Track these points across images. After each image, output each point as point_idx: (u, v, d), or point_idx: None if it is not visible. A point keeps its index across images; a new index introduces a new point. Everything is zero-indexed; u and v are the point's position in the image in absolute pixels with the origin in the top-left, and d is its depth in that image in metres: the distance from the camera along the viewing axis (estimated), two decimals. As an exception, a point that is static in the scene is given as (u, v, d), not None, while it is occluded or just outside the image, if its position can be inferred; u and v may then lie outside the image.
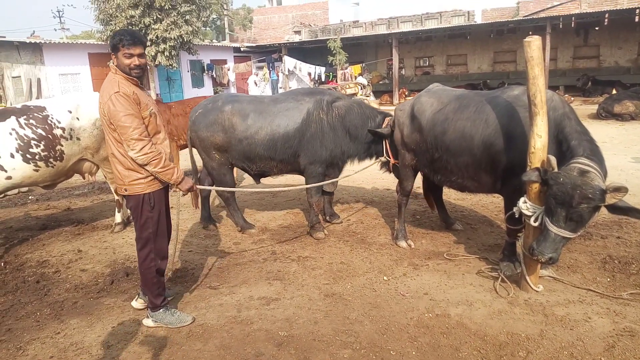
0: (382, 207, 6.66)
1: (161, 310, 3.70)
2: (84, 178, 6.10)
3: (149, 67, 19.69)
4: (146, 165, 3.39)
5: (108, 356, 3.35)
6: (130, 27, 17.36)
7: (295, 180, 7.23)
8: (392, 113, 5.53)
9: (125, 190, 3.54)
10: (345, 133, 5.54)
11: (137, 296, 4.03)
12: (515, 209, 3.87)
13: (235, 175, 8.38)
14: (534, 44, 3.63)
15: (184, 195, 3.64)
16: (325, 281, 4.42)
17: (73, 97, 5.85)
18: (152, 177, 3.50)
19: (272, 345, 3.38)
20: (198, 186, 3.80)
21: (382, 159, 5.65)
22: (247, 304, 4.01)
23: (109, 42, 3.43)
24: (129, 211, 4.82)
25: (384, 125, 5.51)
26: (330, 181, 5.65)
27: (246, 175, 6.63)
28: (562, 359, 3.07)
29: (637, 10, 18.23)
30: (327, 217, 6.17)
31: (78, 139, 5.54)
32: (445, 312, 3.74)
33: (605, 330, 3.36)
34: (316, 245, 5.34)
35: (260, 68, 27.54)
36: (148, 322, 3.72)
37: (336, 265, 4.76)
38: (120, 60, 3.41)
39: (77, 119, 5.53)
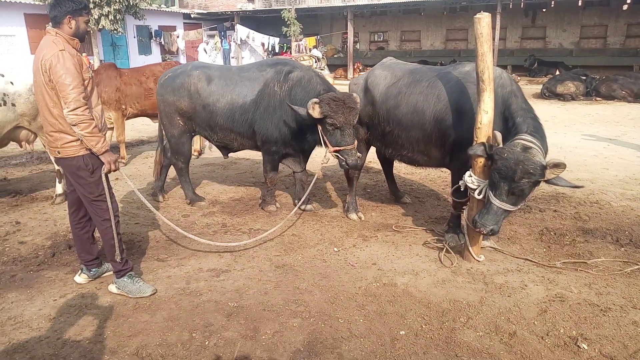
0: (334, 181, 6.71)
1: (125, 277, 3.67)
2: (20, 147, 5.76)
3: (91, 32, 18.67)
4: (75, 125, 3.30)
5: (50, 329, 3.24)
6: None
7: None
8: (333, 94, 4.60)
9: (59, 153, 3.45)
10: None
11: (80, 271, 3.90)
12: (461, 183, 4.00)
13: (201, 144, 8.16)
14: (483, 21, 3.70)
15: (106, 173, 3.51)
16: (276, 253, 4.43)
17: (6, 60, 5.45)
18: None
19: (222, 316, 3.38)
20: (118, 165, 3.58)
21: (324, 159, 4.80)
22: (196, 276, 3.98)
23: (65, 3, 3.29)
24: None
25: (310, 108, 4.45)
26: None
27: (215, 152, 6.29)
28: (500, 324, 3.25)
29: (581, -5, 18.97)
30: (295, 201, 5.60)
31: (13, 104, 5.20)
32: (392, 281, 3.85)
33: (539, 297, 3.58)
34: (268, 218, 5.33)
35: (212, 36, 26.69)
36: (112, 288, 3.73)
37: (287, 237, 4.78)
38: (79, 24, 3.42)
39: (11, 83, 5.17)
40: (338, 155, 4.58)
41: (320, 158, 4.90)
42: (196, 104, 5.34)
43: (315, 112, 4.47)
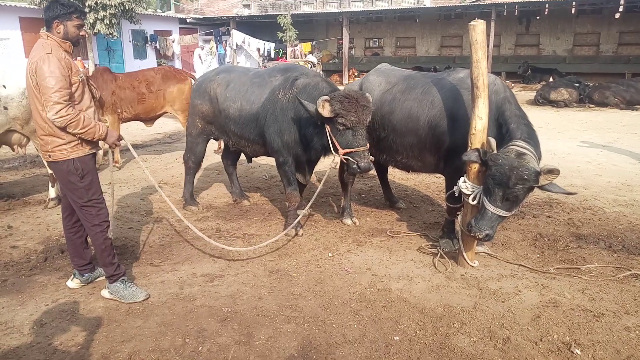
0: (329, 186, 6.71)
1: (118, 282, 3.65)
2: (13, 150, 5.73)
3: (87, 36, 18.60)
4: (66, 127, 3.30)
5: (41, 335, 3.21)
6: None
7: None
8: (346, 92, 4.41)
9: (49, 157, 3.45)
10: (296, 117, 4.71)
11: (72, 275, 3.87)
12: (455, 188, 4.01)
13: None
14: (478, 28, 3.73)
15: (111, 149, 3.69)
16: (270, 258, 4.42)
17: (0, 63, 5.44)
18: (75, 143, 3.41)
19: (215, 321, 3.36)
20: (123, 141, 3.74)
21: (332, 163, 4.49)
22: (190, 281, 3.96)
23: (53, 8, 3.32)
24: None
25: (320, 106, 4.19)
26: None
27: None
28: (494, 329, 3.25)
29: (574, 3, 19.14)
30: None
31: (5, 108, 5.17)
32: (386, 286, 3.85)
33: (533, 302, 3.58)
34: (262, 223, 5.32)
35: (207, 41, 26.68)
36: (104, 293, 3.71)
37: (282, 242, 4.77)
38: (69, 29, 3.41)
39: (4, 87, 5.15)
40: (349, 158, 4.24)
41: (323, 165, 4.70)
42: (215, 109, 5.40)
43: (326, 111, 4.17)
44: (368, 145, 4.32)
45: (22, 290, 3.81)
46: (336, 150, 4.29)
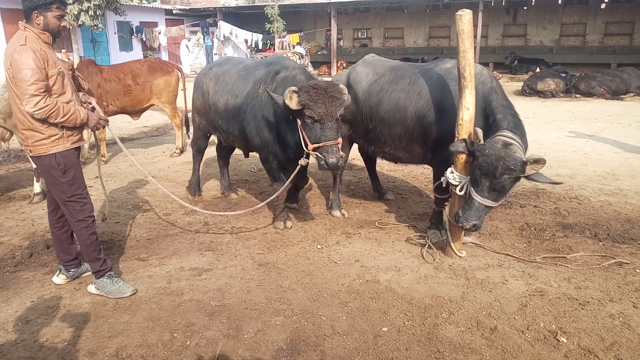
0: (318, 178, 6.69)
1: (105, 277, 3.61)
2: (-4, 144, 5.63)
3: (70, 28, 18.31)
4: (47, 118, 3.23)
5: (26, 332, 3.17)
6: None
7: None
8: (314, 82, 4.17)
9: (30, 152, 3.40)
10: (275, 113, 4.47)
11: (58, 271, 3.83)
12: (442, 179, 4.02)
13: (183, 142, 8.09)
14: (465, 18, 3.72)
15: (93, 130, 3.62)
16: (259, 251, 4.41)
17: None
18: (55, 137, 3.34)
19: (204, 315, 3.35)
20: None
21: (302, 161, 4.24)
22: (178, 275, 3.93)
23: None
24: None
25: (287, 98, 3.97)
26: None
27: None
28: (481, 319, 3.28)
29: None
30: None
31: (-13, 101, 5.07)
32: (375, 278, 3.86)
33: (519, 292, 3.62)
34: (251, 216, 5.29)
35: (194, 33, 26.40)
36: (91, 288, 3.67)
37: (271, 235, 4.75)
38: (49, 19, 3.32)
39: (-14, 79, 5.04)
40: (317, 153, 4.00)
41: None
42: (206, 104, 5.38)
43: (293, 102, 3.95)
44: (339, 140, 4.05)
45: (6, 286, 3.76)
46: (306, 146, 4.06)
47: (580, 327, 3.17)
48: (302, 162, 4.26)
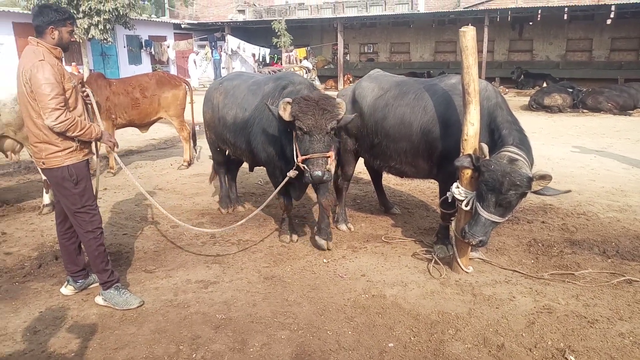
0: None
1: (112, 289, 3.64)
2: (6, 157, 5.71)
3: (81, 41, 18.59)
4: (66, 132, 3.31)
5: (34, 342, 3.19)
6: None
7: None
8: (308, 94, 4.22)
9: (43, 164, 3.44)
10: (280, 127, 4.39)
11: (66, 282, 3.86)
12: (448, 194, 4.03)
13: (190, 155, 8.15)
14: (468, 34, 3.76)
15: (107, 151, 3.74)
16: (265, 264, 4.41)
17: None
18: (70, 150, 3.40)
19: (209, 328, 3.35)
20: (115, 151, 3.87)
21: (291, 172, 4.22)
22: (184, 288, 3.94)
23: (47, 13, 3.30)
24: None
25: (281, 109, 4.00)
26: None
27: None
28: (488, 336, 3.25)
29: (566, 9, 19.32)
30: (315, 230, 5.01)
31: (-1, 114, 5.15)
32: (381, 292, 3.85)
33: (527, 308, 3.59)
34: (257, 229, 5.31)
35: (202, 47, 26.70)
36: (98, 299, 3.69)
37: (277, 249, 4.76)
38: (62, 34, 3.42)
39: (-3, 92, 5.14)
40: (304, 165, 3.96)
41: None
42: (215, 117, 5.45)
43: (286, 114, 3.95)
44: (329, 153, 4.00)
45: (15, 297, 3.79)
46: (297, 157, 4.05)
47: (589, 345, 3.14)
48: (291, 173, 4.24)
